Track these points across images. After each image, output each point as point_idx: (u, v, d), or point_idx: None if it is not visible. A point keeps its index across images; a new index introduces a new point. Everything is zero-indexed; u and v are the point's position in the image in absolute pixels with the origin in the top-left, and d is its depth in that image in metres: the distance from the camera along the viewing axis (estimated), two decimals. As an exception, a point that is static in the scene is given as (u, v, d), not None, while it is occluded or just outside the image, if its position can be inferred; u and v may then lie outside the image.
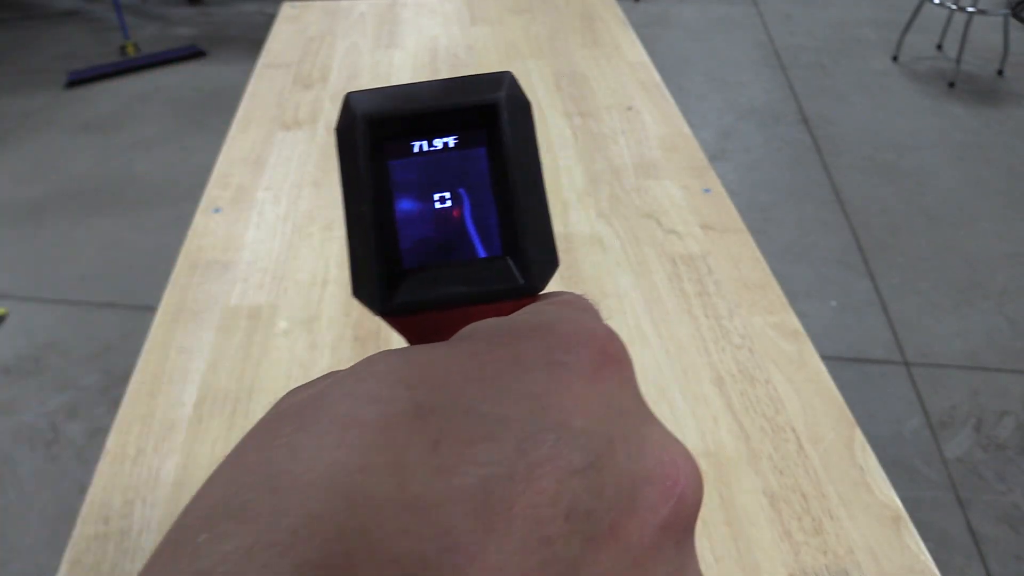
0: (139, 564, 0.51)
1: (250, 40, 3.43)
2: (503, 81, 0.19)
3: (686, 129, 0.95)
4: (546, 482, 0.12)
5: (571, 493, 0.12)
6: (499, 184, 0.19)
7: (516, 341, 0.15)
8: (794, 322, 0.68)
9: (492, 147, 0.19)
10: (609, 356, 0.15)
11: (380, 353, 0.15)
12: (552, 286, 0.20)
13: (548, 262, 0.19)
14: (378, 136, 0.19)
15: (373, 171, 0.18)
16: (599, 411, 0.14)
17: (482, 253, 0.19)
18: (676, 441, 0.15)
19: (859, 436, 0.58)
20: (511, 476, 0.12)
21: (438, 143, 0.19)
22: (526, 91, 0.98)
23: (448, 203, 0.19)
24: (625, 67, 1.09)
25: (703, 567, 0.50)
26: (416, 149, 0.19)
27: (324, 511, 0.11)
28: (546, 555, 0.12)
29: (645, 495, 0.13)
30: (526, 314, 0.17)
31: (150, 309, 1.98)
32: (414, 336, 0.19)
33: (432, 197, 0.19)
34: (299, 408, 0.14)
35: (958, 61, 3.08)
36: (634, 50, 1.14)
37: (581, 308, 0.17)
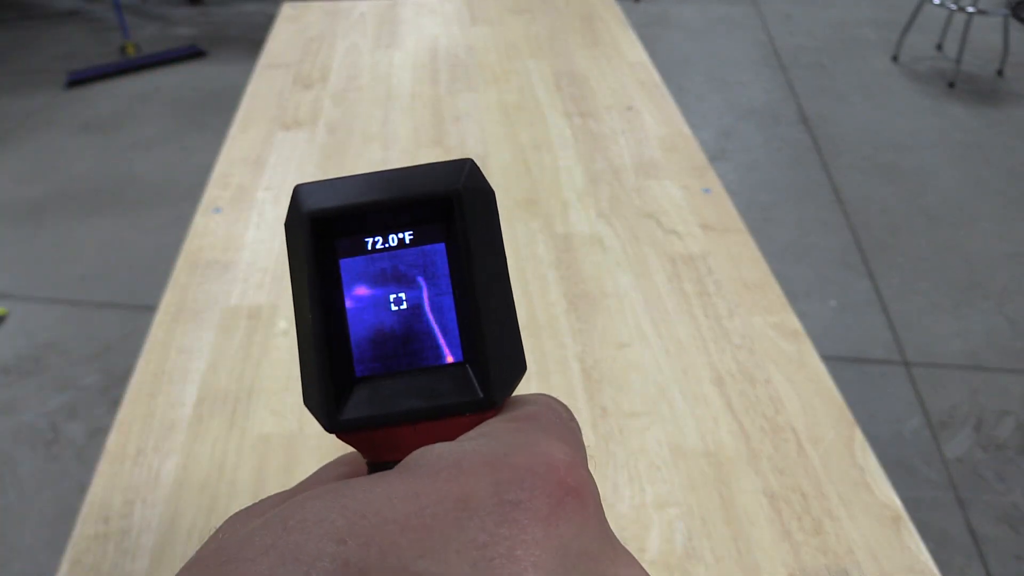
0: (139, 564, 0.51)
1: (250, 40, 3.43)
2: (462, 169, 0.17)
3: (686, 129, 0.95)
4: None
5: None
6: (460, 282, 0.17)
7: (463, 477, 0.13)
8: (794, 322, 0.68)
9: (452, 242, 0.17)
10: (569, 490, 0.14)
11: (312, 493, 0.13)
12: (553, 286, 0.19)
13: (512, 371, 0.17)
14: (326, 234, 0.17)
15: (321, 273, 0.17)
16: (556, 560, 0.12)
17: (441, 359, 0.17)
18: None
19: (859, 436, 0.58)
20: None
21: (393, 239, 0.17)
22: (527, 91, 0.97)
23: (404, 304, 0.17)
24: (625, 67, 1.09)
25: (703, 568, 0.50)
26: (369, 246, 0.17)
27: None
28: None
29: None
30: (479, 441, 0.15)
31: (150, 309, 1.98)
32: (365, 449, 0.18)
33: (388, 298, 0.17)
34: (223, 561, 0.12)
35: (958, 61, 3.08)
36: (634, 50, 1.14)
37: (544, 426, 0.16)
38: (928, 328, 1.98)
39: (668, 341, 0.66)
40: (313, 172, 0.89)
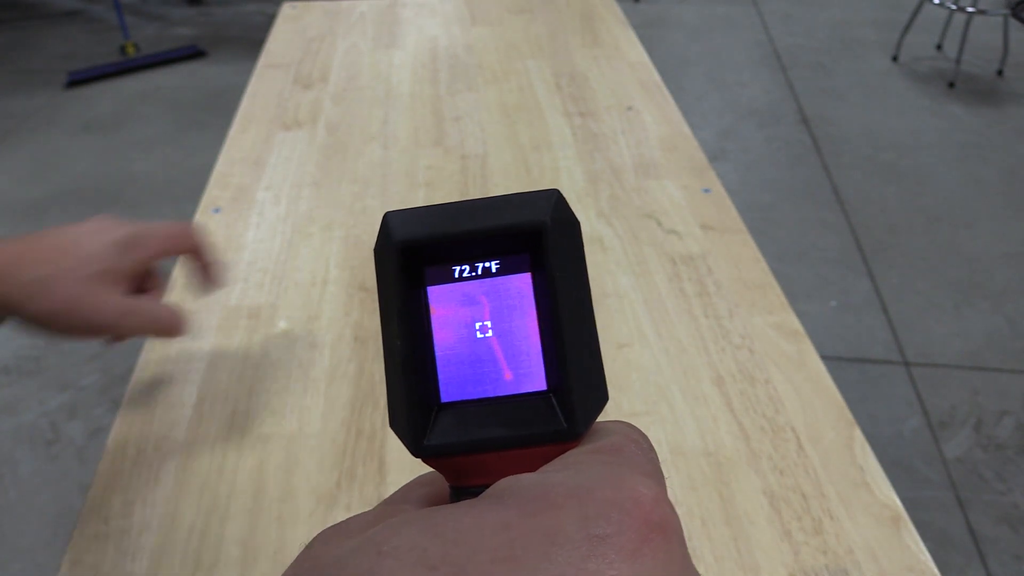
0: (139, 564, 0.51)
1: (250, 40, 3.43)
2: (550, 200, 0.18)
3: (686, 129, 0.95)
4: None
5: None
6: (545, 312, 0.17)
7: (551, 510, 0.14)
8: (794, 322, 0.68)
9: (537, 272, 0.18)
10: (654, 526, 0.14)
11: (404, 519, 0.14)
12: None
13: (596, 401, 0.17)
14: (415, 261, 0.18)
15: (408, 298, 0.18)
16: None
17: (524, 388, 0.18)
18: None
19: (859, 436, 0.58)
20: None
21: (479, 268, 0.18)
22: (527, 91, 0.97)
23: (489, 332, 0.18)
24: (625, 67, 1.09)
25: (703, 568, 0.50)
26: (456, 274, 0.18)
27: None
28: None
29: None
30: (566, 473, 0.15)
31: (150, 309, 1.98)
32: (448, 472, 0.18)
33: (474, 326, 0.18)
34: None
35: (958, 61, 3.08)
36: (634, 50, 1.14)
37: (628, 459, 0.16)
38: (928, 328, 1.98)
39: (668, 341, 0.66)
40: (313, 172, 0.89)
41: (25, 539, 1.51)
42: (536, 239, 0.17)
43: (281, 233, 0.79)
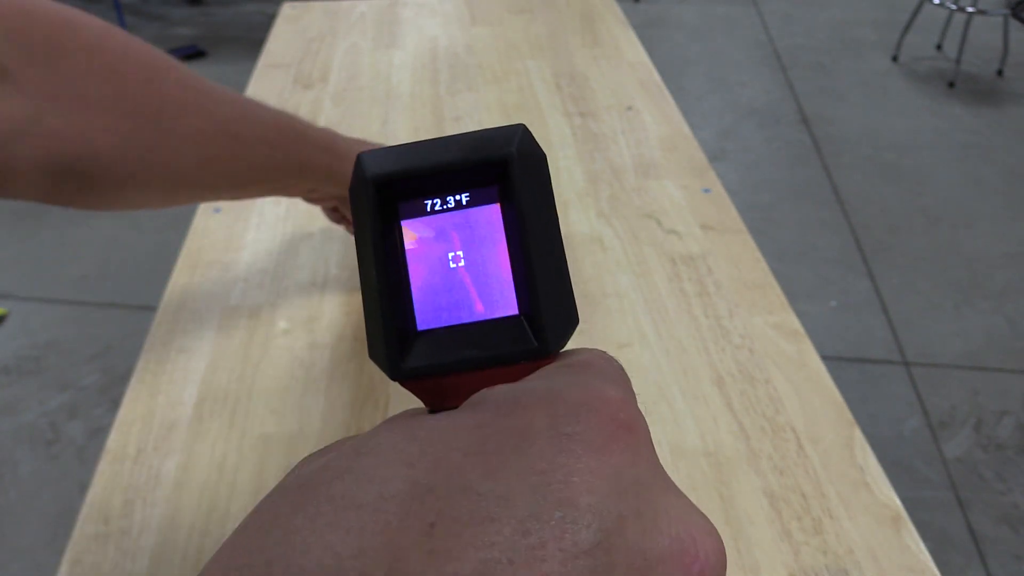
0: (139, 564, 0.51)
1: (250, 40, 3.43)
2: (515, 135, 0.19)
3: (686, 129, 0.95)
4: (549, 565, 0.12)
5: None
6: (514, 241, 0.18)
7: (522, 411, 0.14)
8: (794, 322, 0.68)
9: (506, 203, 0.19)
10: (621, 424, 0.14)
11: (384, 425, 0.15)
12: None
13: (565, 322, 0.18)
14: (388, 197, 0.19)
15: (384, 233, 0.18)
16: (609, 485, 0.13)
17: (497, 313, 0.18)
18: (697, 514, 0.15)
19: (859, 436, 0.58)
20: (511, 559, 0.12)
21: (450, 201, 0.19)
22: (527, 91, 0.97)
23: (461, 262, 0.19)
24: (625, 67, 1.09)
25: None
26: (428, 207, 0.19)
27: None
28: None
29: (658, 575, 0.13)
30: (536, 381, 0.16)
31: (150, 309, 1.98)
32: (427, 396, 0.19)
33: (446, 256, 0.19)
34: (300, 485, 0.14)
35: (958, 61, 3.08)
36: (634, 50, 1.14)
37: (597, 371, 0.17)
38: (928, 328, 1.98)
39: (668, 341, 0.66)
40: (313, 172, 0.89)
41: (25, 539, 1.51)
42: (503, 171, 0.18)
43: (281, 233, 0.79)
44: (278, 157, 0.50)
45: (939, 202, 2.44)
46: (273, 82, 1.07)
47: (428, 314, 0.18)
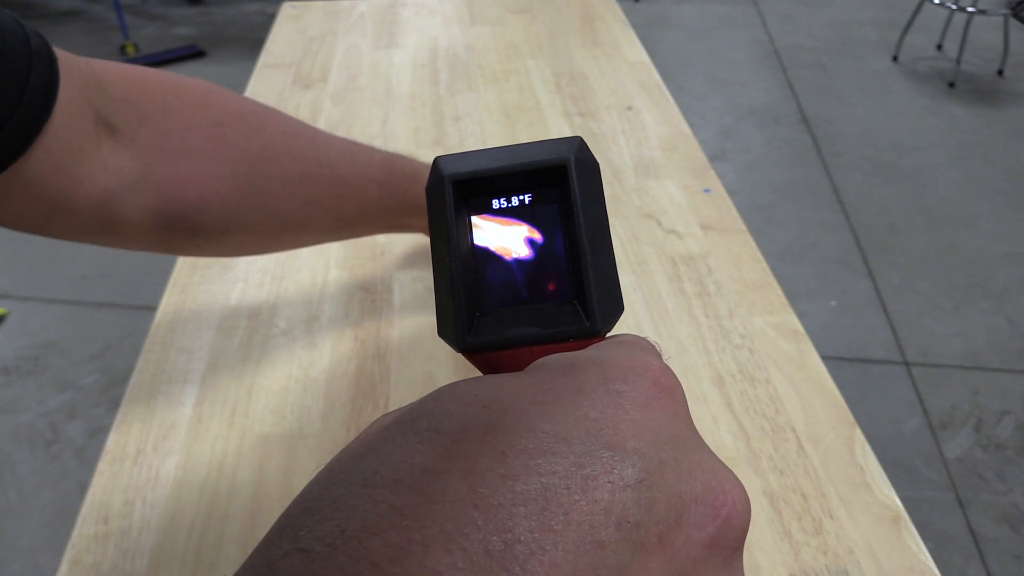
0: (139, 564, 0.51)
1: (250, 40, 3.43)
2: (573, 144, 0.21)
3: (686, 129, 0.95)
4: (600, 493, 0.14)
5: (622, 505, 0.14)
6: (569, 237, 0.21)
7: (578, 371, 0.17)
8: (794, 322, 0.68)
9: (563, 203, 0.21)
10: (662, 387, 0.17)
11: (461, 381, 0.17)
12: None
13: (612, 307, 0.21)
14: (462, 195, 0.21)
15: (458, 225, 0.21)
16: (651, 436, 0.15)
17: (553, 299, 0.21)
18: (726, 468, 0.17)
19: (859, 436, 0.58)
20: (568, 486, 0.14)
21: (515, 200, 0.21)
22: (527, 91, 0.97)
23: (524, 252, 0.21)
24: (625, 67, 1.09)
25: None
26: (495, 206, 0.21)
27: (405, 505, 0.13)
28: (597, 558, 0.13)
29: (692, 513, 0.15)
30: (589, 350, 0.18)
31: (150, 309, 1.98)
32: (489, 370, 0.21)
33: (510, 247, 0.21)
34: (387, 425, 0.16)
35: (958, 61, 3.08)
36: (634, 50, 1.14)
37: (642, 347, 0.19)
38: (928, 328, 1.98)
39: (668, 341, 0.66)
40: (313, 172, 0.88)
41: (25, 539, 1.51)
42: (562, 175, 0.21)
43: (281, 233, 0.79)
44: (391, 196, 0.55)
45: (939, 202, 2.44)
46: (273, 82, 1.07)
47: (492, 297, 0.21)
